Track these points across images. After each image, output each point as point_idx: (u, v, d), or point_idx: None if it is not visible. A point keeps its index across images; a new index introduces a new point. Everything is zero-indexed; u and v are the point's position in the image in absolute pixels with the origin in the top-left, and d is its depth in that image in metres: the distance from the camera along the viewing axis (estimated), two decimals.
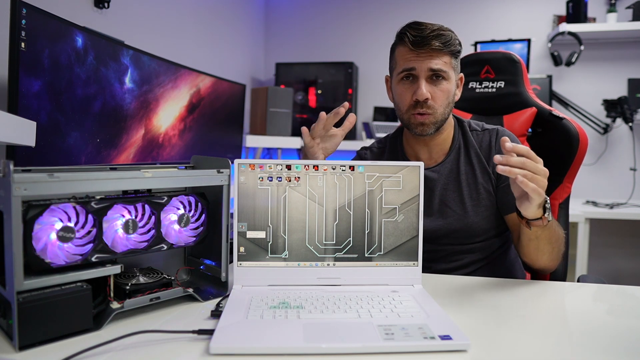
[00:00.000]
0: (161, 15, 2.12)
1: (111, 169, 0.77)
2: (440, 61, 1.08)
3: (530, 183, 0.84)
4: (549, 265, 1.09)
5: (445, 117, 1.14)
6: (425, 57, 1.08)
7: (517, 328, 0.77)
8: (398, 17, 3.17)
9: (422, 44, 1.07)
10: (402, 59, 1.12)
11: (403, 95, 1.13)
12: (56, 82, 1.19)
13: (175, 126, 1.79)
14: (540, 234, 1.00)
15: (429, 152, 1.20)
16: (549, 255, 1.06)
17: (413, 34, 1.08)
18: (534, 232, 0.99)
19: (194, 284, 0.92)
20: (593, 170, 2.85)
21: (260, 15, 3.34)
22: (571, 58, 2.73)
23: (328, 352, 0.65)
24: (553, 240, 1.03)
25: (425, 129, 1.12)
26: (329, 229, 0.91)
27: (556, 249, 1.06)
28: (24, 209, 0.64)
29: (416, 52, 1.08)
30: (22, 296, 0.63)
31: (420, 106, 1.10)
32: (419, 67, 1.09)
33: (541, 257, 1.06)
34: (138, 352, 0.64)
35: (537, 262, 1.08)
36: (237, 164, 0.90)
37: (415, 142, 1.22)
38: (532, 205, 0.89)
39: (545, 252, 1.04)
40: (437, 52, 1.07)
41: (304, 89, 3.07)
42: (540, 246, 1.03)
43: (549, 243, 1.03)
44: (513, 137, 1.18)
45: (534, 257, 1.07)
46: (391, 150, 1.27)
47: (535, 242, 1.02)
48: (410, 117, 1.13)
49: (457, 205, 1.15)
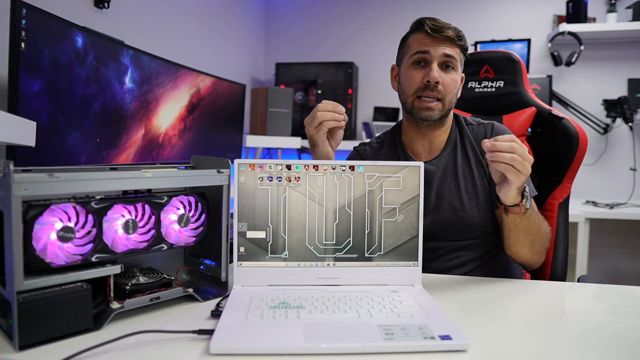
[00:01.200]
0: (161, 15, 2.12)
1: (111, 169, 0.77)
2: (453, 50, 1.13)
3: (513, 168, 0.87)
4: (530, 260, 1.10)
5: (451, 107, 1.16)
6: (441, 43, 1.12)
7: (517, 328, 0.77)
8: (398, 17, 3.17)
9: (440, 31, 1.11)
10: (417, 43, 1.15)
11: (412, 78, 1.15)
12: (56, 82, 1.19)
13: (175, 126, 1.79)
14: (519, 223, 1.01)
15: (429, 145, 1.21)
16: (530, 249, 1.07)
17: (431, 22, 1.13)
18: (512, 221, 1.01)
19: (194, 284, 0.92)
20: (593, 170, 2.85)
21: (260, 15, 3.34)
22: (571, 58, 2.73)
23: (328, 352, 0.65)
24: (533, 232, 1.04)
25: (432, 113, 1.13)
26: (329, 229, 0.91)
27: (537, 242, 1.06)
28: (24, 209, 0.64)
29: (432, 37, 1.12)
30: (22, 296, 0.63)
31: (431, 89, 1.12)
32: (434, 52, 1.12)
33: (522, 248, 1.07)
34: (138, 352, 0.64)
35: (518, 255, 1.09)
36: (237, 164, 0.90)
37: (414, 135, 1.22)
38: (512, 189, 0.92)
39: (525, 243, 1.05)
40: (451, 41, 1.12)
41: (304, 89, 3.07)
42: (519, 237, 1.04)
43: (528, 234, 1.04)
44: (507, 131, 1.20)
45: (515, 250, 1.08)
46: (390, 143, 1.27)
47: (515, 233, 1.03)
48: (415, 101, 1.15)
49: (454, 198, 1.15)
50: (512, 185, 0.91)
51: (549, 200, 1.36)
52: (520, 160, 0.88)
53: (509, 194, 0.93)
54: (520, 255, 1.10)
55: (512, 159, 0.87)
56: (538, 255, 1.10)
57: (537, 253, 1.10)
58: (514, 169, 0.88)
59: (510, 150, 0.88)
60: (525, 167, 0.89)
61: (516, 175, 0.89)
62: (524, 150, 0.89)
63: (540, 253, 1.10)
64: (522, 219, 1.00)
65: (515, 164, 0.87)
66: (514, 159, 0.87)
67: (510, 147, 0.88)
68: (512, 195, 0.94)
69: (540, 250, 1.09)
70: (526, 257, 1.10)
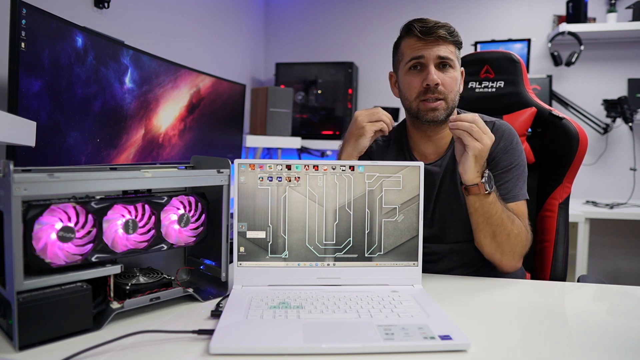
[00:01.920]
0: (161, 15, 2.12)
1: (111, 169, 0.77)
2: (447, 49, 1.11)
3: (470, 135, 0.96)
4: (497, 256, 1.06)
5: (454, 104, 1.15)
6: (433, 45, 1.11)
7: (517, 328, 0.77)
8: (398, 17, 3.16)
9: (430, 33, 1.10)
10: (409, 49, 1.13)
11: (412, 84, 1.14)
12: (56, 82, 1.19)
13: (175, 126, 1.79)
14: (478, 207, 1.02)
15: (434, 146, 1.20)
16: (491, 240, 1.04)
17: (420, 25, 1.11)
18: (472, 203, 1.03)
19: (194, 284, 0.92)
20: (593, 170, 2.85)
21: (260, 15, 3.34)
22: (571, 58, 2.73)
23: (328, 352, 0.65)
24: (494, 223, 1.02)
25: (437, 114, 1.12)
26: (329, 229, 0.91)
27: (500, 237, 1.03)
28: (24, 209, 0.64)
29: (424, 40, 1.11)
30: (22, 296, 0.63)
31: (432, 92, 1.11)
32: (428, 55, 1.11)
33: (483, 239, 1.05)
34: (138, 352, 0.64)
35: (481, 246, 1.08)
36: (237, 164, 0.90)
37: (419, 137, 1.21)
38: (469, 158, 0.98)
39: (486, 233, 1.04)
40: (443, 40, 1.11)
41: (304, 89, 3.07)
42: (479, 223, 1.04)
43: (488, 223, 1.03)
44: (509, 128, 1.18)
45: (477, 240, 1.07)
46: (397, 143, 1.26)
47: (475, 217, 1.04)
48: (419, 105, 1.14)
49: (454, 199, 1.15)
50: (470, 152, 0.97)
51: (549, 200, 1.36)
52: (477, 129, 0.96)
53: (467, 164, 0.98)
54: (484, 248, 1.07)
55: (470, 127, 0.96)
56: (505, 254, 1.06)
57: (504, 251, 1.05)
58: (470, 135, 0.96)
59: (471, 121, 0.97)
60: (482, 138, 0.96)
61: (472, 141, 0.96)
62: (485, 127, 0.98)
63: (508, 252, 1.05)
64: (481, 202, 1.01)
65: (473, 131, 0.96)
66: (471, 127, 0.96)
67: (471, 119, 0.97)
68: (470, 168, 0.98)
69: (507, 249, 1.05)
70: (490, 251, 1.06)
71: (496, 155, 1.14)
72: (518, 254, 1.07)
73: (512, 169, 1.13)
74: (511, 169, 1.13)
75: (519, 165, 1.14)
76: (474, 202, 1.02)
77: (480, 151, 0.97)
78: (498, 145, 1.14)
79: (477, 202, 1.01)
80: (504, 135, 1.16)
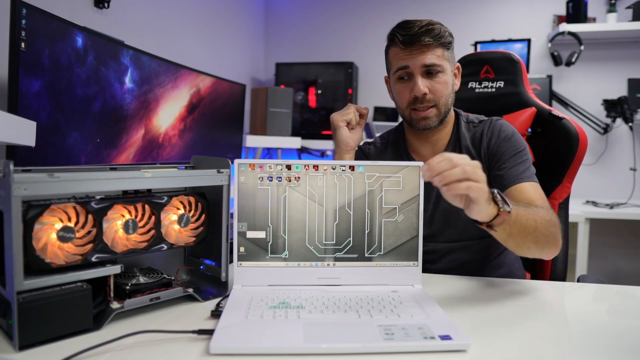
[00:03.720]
0: (161, 15, 2.12)
1: (111, 169, 0.77)
2: (434, 55, 1.09)
3: (469, 181, 0.74)
4: (543, 253, 0.97)
5: (448, 108, 1.14)
6: (418, 54, 1.08)
7: (517, 328, 0.77)
8: (398, 17, 3.15)
9: (412, 42, 1.08)
10: (395, 58, 1.13)
11: (401, 94, 1.14)
12: (56, 82, 1.19)
13: (175, 126, 1.79)
14: (511, 231, 0.86)
15: (432, 148, 1.20)
16: (536, 246, 0.92)
17: (402, 33, 1.09)
18: (502, 233, 0.85)
19: (194, 284, 0.92)
20: (593, 170, 2.85)
21: (260, 15, 3.34)
22: (571, 58, 2.73)
23: (328, 352, 0.65)
24: (530, 230, 0.89)
25: (429, 122, 1.12)
26: (329, 229, 0.91)
27: (541, 236, 0.92)
28: (24, 209, 0.64)
29: (408, 50, 1.09)
30: (22, 296, 0.63)
31: (420, 102, 1.11)
32: (413, 65, 1.09)
33: (527, 251, 0.94)
34: (138, 352, 0.64)
35: (528, 255, 0.96)
36: (237, 164, 0.90)
37: (416, 139, 1.22)
38: (481, 204, 0.77)
39: (529, 244, 0.91)
40: (428, 47, 1.08)
41: (304, 89, 3.07)
42: (519, 242, 0.90)
43: (526, 235, 0.89)
44: (506, 126, 1.15)
45: (522, 253, 0.95)
46: (394, 145, 1.26)
47: (512, 241, 0.90)
48: (411, 113, 1.14)
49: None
50: (479, 202, 0.77)
51: (549, 200, 1.36)
52: (471, 168, 0.75)
53: (482, 211, 0.79)
54: (529, 255, 0.97)
55: (464, 172, 0.74)
56: (549, 247, 0.95)
57: (546, 245, 0.94)
58: (459, 182, 0.74)
59: (451, 166, 0.75)
60: (478, 174, 0.76)
61: (476, 189, 0.75)
62: (464, 157, 0.76)
63: (551, 242, 0.94)
64: (511, 226, 0.85)
65: (469, 175, 0.74)
66: (465, 172, 0.74)
67: (450, 164, 0.75)
68: (485, 210, 0.79)
69: (548, 240, 0.93)
70: (537, 254, 0.96)
71: (499, 146, 1.12)
72: (556, 235, 0.96)
73: (519, 153, 1.10)
74: (518, 153, 1.10)
75: (526, 151, 1.12)
76: (504, 230, 0.85)
77: (485, 190, 0.77)
78: (499, 137, 1.13)
79: (507, 228, 0.85)
80: (502, 127, 1.15)
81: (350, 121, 1.22)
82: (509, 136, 1.13)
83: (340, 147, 1.21)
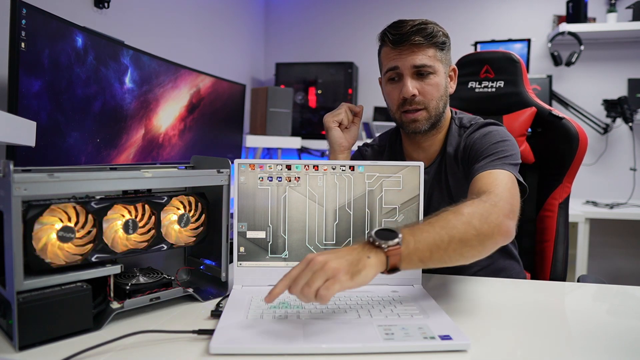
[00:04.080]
0: (161, 15, 2.12)
1: (111, 169, 0.77)
2: (424, 56, 1.05)
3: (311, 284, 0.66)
4: (484, 252, 0.79)
5: (439, 111, 1.10)
6: (408, 54, 1.05)
7: (517, 328, 0.76)
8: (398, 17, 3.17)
9: (402, 41, 1.05)
10: (385, 59, 1.10)
11: (391, 95, 1.11)
12: (56, 82, 1.19)
13: (175, 126, 1.79)
14: (422, 257, 0.73)
15: (425, 153, 1.18)
16: (463, 255, 0.77)
17: (393, 33, 1.06)
18: (411, 266, 0.73)
19: (194, 284, 0.92)
20: (593, 170, 2.85)
21: (260, 15, 3.34)
22: (571, 58, 2.73)
23: (328, 352, 0.65)
24: (445, 244, 0.74)
25: (418, 125, 1.09)
26: (329, 229, 0.91)
27: (465, 242, 0.76)
28: (24, 209, 0.64)
29: (398, 50, 1.06)
30: (22, 296, 0.63)
31: (409, 103, 1.08)
32: (402, 65, 1.06)
33: (462, 261, 0.78)
34: (138, 352, 0.64)
35: (471, 261, 0.79)
36: (237, 164, 0.90)
37: (409, 144, 1.20)
38: (363, 272, 0.68)
39: (455, 256, 0.76)
40: (419, 46, 1.05)
41: (304, 89, 3.07)
42: (441, 261, 0.75)
43: (445, 251, 0.74)
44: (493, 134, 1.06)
45: (458, 263, 0.78)
46: (391, 150, 1.26)
47: (434, 263, 0.75)
48: (401, 116, 1.11)
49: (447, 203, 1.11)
50: (347, 274, 0.67)
51: (549, 200, 1.36)
52: (305, 270, 0.67)
53: (368, 273, 0.68)
54: (471, 261, 0.79)
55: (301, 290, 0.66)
56: (481, 244, 0.78)
57: (481, 243, 0.78)
58: (309, 285, 0.66)
59: (284, 287, 0.68)
60: (327, 270, 0.66)
61: (328, 286, 0.65)
62: (301, 265, 0.69)
63: (482, 240, 0.77)
64: (418, 253, 0.72)
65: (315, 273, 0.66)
66: (297, 280, 0.67)
67: (284, 286, 0.68)
68: (370, 268, 0.68)
69: (482, 238, 0.77)
70: (477, 256, 0.79)
71: (473, 144, 1.06)
72: (487, 230, 0.78)
73: (492, 145, 1.01)
74: (491, 145, 1.01)
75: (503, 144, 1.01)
76: (411, 263, 0.73)
77: (342, 266, 0.67)
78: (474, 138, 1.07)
79: (414, 259, 0.73)
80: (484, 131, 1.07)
81: (342, 121, 1.20)
82: (484, 133, 1.06)
83: (334, 147, 1.20)
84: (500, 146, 1.01)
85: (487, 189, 0.89)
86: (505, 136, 1.06)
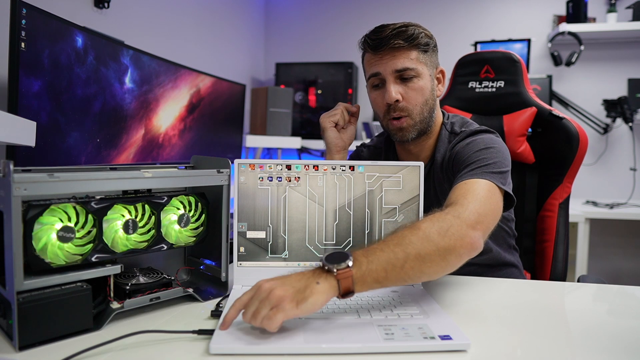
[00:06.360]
0: (161, 15, 2.12)
1: (111, 169, 0.77)
2: (406, 59, 1.02)
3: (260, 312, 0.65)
4: (448, 268, 0.78)
5: (424, 117, 1.06)
6: (389, 59, 1.03)
7: (517, 328, 0.76)
8: (398, 18, 3.15)
9: (382, 46, 1.02)
10: (368, 65, 1.08)
11: (376, 102, 1.09)
12: (56, 82, 1.19)
13: (175, 126, 1.79)
14: (377, 277, 0.71)
15: (416, 159, 1.13)
16: (428, 275, 0.76)
17: (372, 38, 1.04)
18: (366, 287, 0.71)
19: (194, 284, 0.92)
20: (593, 170, 2.85)
21: (260, 15, 3.34)
22: (571, 58, 2.73)
23: (328, 352, 0.65)
24: (401, 263, 0.72)
25: (405, 134, 1.06)
26: (329, 229, 0.91)
27: (426, 265, 0.74)
28: (24, 209, 0.64)
29: (379, 55, 1.03)
30: (22, 296, 0.63)
31: (393, 110, 1.05)
32: (384, 70, 1.04)
33: (424, 278, 0.77)
34: (138, 352, 0.64)
35: (435, 277, 0.79)
36: (237, 164, 0.90)
37: (401, 150, 1.18)
38: (311, 298, 0.66)
39: (416, 273, 0.74)
40: (399, 50, 1.01)
41: (304, 89, 3.07)
42: (400, 280, 0.73)
43: (401, 269, 0.72)
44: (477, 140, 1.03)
45: (420, 280, 0.77)
46: (386, 153, 1.24)
47: (392, 282, 0.73)
48: (388, 124, 1.08)
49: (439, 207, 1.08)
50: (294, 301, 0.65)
51: (549, 200, 1.36)
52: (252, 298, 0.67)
53: (318, 299, 0.66)
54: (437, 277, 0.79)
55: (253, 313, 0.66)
56: (444, 263, 0.76)
57: (440, 261, 0.76)
58: (259, 313, 0.65)
59: (236, 313, 0.68)
60: (271, 299, 0.65)
61: (271, 315, 0.64)
62: (251, 292, 0.68)
63: (441, 260, 0.75)
64: (372, 274, 0.70)
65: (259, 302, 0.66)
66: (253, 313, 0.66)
67: (236, 311, 0.68)
68: (320, 294, 0.67)
69: (442, 253, 0.75)
70: (441, 273, 0.78)
71: (457, 152, 1.03)
72: (446, 245, 0.76)
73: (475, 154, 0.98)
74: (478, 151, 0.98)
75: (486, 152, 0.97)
76: (365, 284, 0.71)
77: (288, 294, 0.66)
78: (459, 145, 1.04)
79: (367, 280, 0.71)
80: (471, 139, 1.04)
81: (338, 122, 1.19)
82: (468, 142, 1.02)
83: (329, 148, 1.20)
84: (482, 154, 0.97)
85: (456, 200, 0.86)
86: (491, 143, 1.01)
